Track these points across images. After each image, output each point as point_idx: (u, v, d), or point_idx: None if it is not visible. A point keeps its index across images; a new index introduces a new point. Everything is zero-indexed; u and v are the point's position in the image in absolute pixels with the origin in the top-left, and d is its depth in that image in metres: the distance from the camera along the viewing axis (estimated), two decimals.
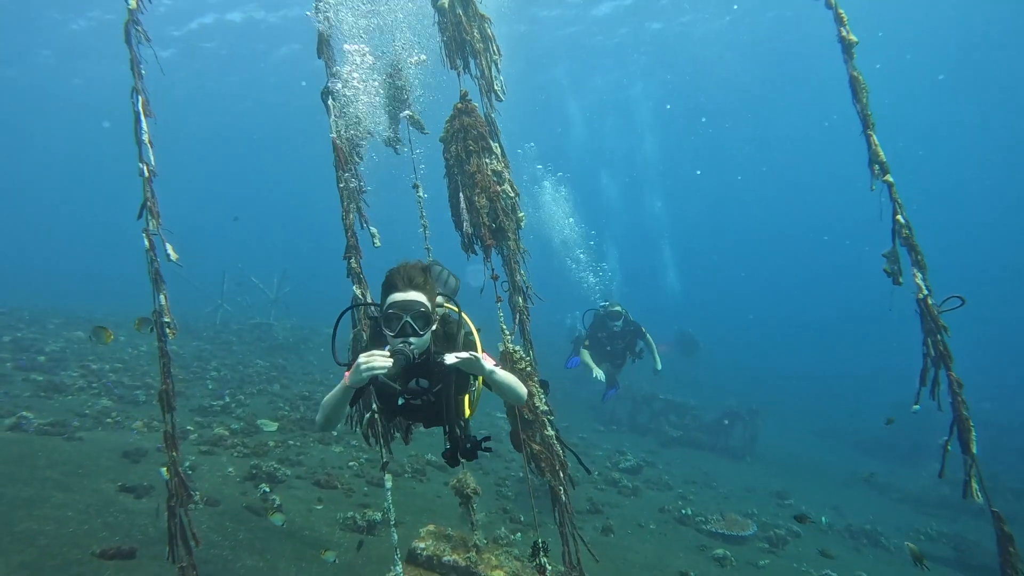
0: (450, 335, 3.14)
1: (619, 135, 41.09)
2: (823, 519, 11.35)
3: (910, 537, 11.33)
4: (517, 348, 4.44)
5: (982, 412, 20.38)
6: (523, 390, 3.26)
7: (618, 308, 9.34)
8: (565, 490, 4.80)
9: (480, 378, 3.19)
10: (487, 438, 3.21)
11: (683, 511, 10.00)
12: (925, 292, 4.22)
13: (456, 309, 3.37)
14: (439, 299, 3.31)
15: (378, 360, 2.70)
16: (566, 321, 19.41)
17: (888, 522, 12.07)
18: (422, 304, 2.89)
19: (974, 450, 3.97)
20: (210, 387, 12.20)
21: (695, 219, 61.77)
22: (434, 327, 2.98)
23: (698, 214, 60.96)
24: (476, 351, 3.14)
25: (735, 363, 28.90)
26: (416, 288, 2.91)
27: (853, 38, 4.62)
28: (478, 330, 3.76)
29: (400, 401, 3.14)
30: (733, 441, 16.93)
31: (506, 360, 4.34)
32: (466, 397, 3.40)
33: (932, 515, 13.11)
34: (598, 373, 9.14)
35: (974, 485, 3.91)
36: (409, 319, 2.85)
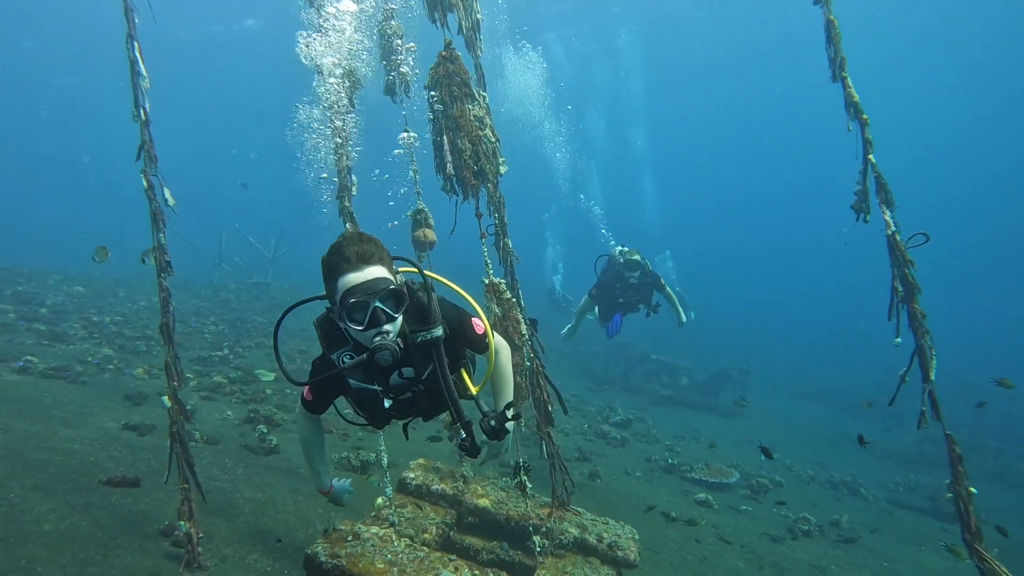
0: (420, 305, 2.51)
1: (605, 76, 40.35)
2: (762, 456, 11.83)
3: (886, 488, 11.71)
4: (501, 280, 4.65)
5: (971, 378, 20.78)
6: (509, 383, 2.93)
7: (637, 257, 8.36)
8: (549, 425, 5.07)
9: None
10: (509, 405, 2.66)
11: (669, 461, 10.33)
12: (893, 228, 4.40)
13: (415, 269, 2.62)
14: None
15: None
16: (547, 281, 19.41)
17: (869, 475, 12.43)
18: (387, 280, 2.29)
19: (932, 377, 4.21)
20: (209, 340, 12.44)
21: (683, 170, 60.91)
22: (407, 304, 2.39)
23: (686, 168, 60.27)
24: (461, 316, 2.65)
25: (727, 326, 29.18)
26: (372, 262, 2.29)
27: None
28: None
29: (387, 403, 2.53)
30: (722, 400, 17.29)
31: (491, 292, 4.55)
32: (463, 371, 2.85)
33: (913, 470, 13.48)
34: (567, 333, 9.09)
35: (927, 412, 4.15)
36: (379, 304, 2.26)
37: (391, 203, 5.90)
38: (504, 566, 4.63)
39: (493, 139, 5.13)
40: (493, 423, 2.55)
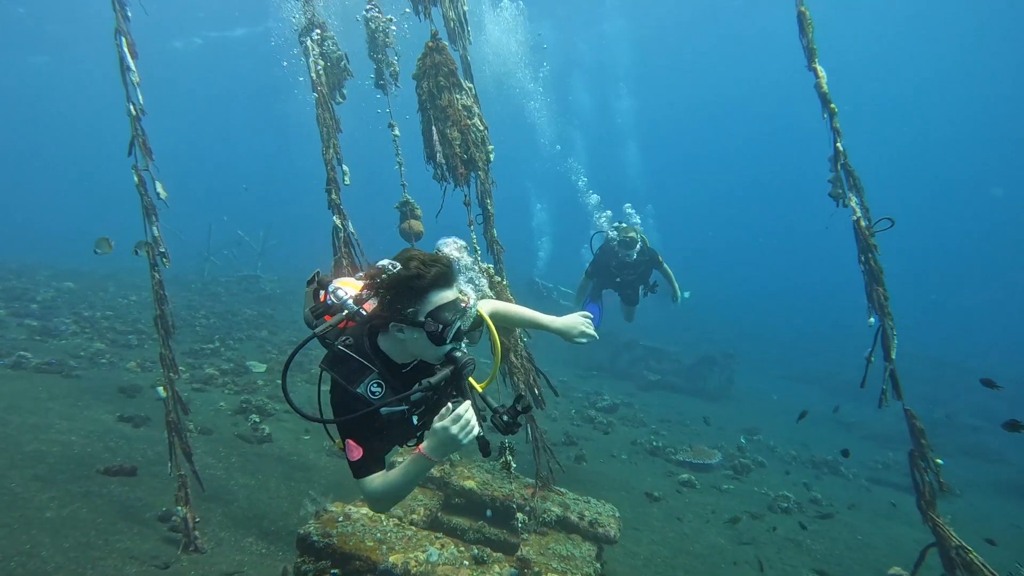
0: None
1: (590, 44, 39.79)
2: (742, 439, 12.28)
3: (866, 466, 12.04)
4: (489, 265, 4.84)
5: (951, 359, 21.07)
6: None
7: (633, 234, 8.03)
8: (536, 402, 5.28)
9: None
10: (519, 397, 2.49)
11: (654, 443, 10.58)
12: (859, 214, 4.60)
13: None
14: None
15: (475, 419, 2.21)
16: (535, 278, 19.43)
17: (851, 454, 12.75)
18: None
19: (893, 356, 4.45)
20: (200, 332, 12.57)
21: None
22: None
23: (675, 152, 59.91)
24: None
25: (713, 310, 29.48)
26: (456, 278, 2.33)
27: None
28: None
29: (415, 420, 2.43)
30: (709, 385, 17.59)
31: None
32: None
33: (892, 449, 13.81)
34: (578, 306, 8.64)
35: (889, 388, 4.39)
36: (462, 319, 2.28)
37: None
38: (489, 543, 4.84)
39: (481, 127, 5.30)
40: (506, 418, 2.43)
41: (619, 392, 15.00)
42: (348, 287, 2.54)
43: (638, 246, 8.07)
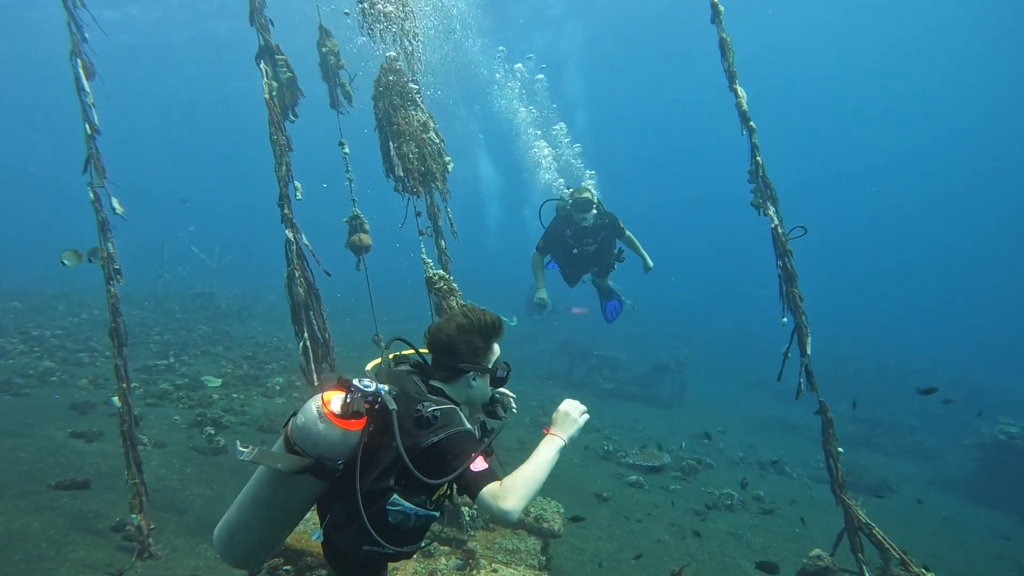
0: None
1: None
2: (683, 444, 12.81)
3: (810, 465, 12.57)
4: (438, 271, 5.11)
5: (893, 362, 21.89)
6: None
7: (588, 195, 6.82)
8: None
9: None
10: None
11: (606, 448, 10.91)
12: (776, 222, 5.00)
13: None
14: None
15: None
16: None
17: (795, 455, 13.30)
18: None
19: (808, 351, 4.84)
20: (154, 349, 12.46)
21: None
22: None
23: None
24: None
25: (668, 319, 30.07)
26: None
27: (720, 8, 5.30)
28: None
29: None
30: (663, 392, 18.03)
31: (430, 285, 5.04)
32: None
33: None
34: (542, 296, 7.33)
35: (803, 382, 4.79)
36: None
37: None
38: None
39: (437, 140, 5.60)
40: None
41: None
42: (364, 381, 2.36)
43: (594, 208, 6.88)
